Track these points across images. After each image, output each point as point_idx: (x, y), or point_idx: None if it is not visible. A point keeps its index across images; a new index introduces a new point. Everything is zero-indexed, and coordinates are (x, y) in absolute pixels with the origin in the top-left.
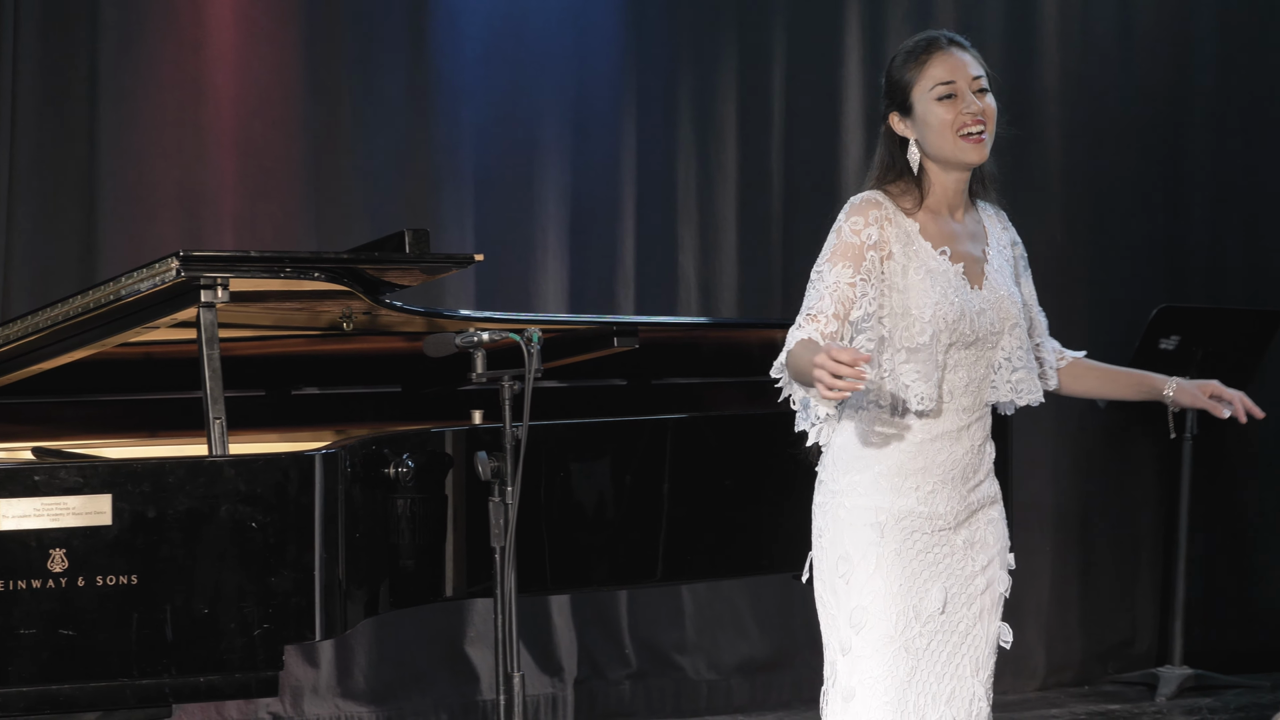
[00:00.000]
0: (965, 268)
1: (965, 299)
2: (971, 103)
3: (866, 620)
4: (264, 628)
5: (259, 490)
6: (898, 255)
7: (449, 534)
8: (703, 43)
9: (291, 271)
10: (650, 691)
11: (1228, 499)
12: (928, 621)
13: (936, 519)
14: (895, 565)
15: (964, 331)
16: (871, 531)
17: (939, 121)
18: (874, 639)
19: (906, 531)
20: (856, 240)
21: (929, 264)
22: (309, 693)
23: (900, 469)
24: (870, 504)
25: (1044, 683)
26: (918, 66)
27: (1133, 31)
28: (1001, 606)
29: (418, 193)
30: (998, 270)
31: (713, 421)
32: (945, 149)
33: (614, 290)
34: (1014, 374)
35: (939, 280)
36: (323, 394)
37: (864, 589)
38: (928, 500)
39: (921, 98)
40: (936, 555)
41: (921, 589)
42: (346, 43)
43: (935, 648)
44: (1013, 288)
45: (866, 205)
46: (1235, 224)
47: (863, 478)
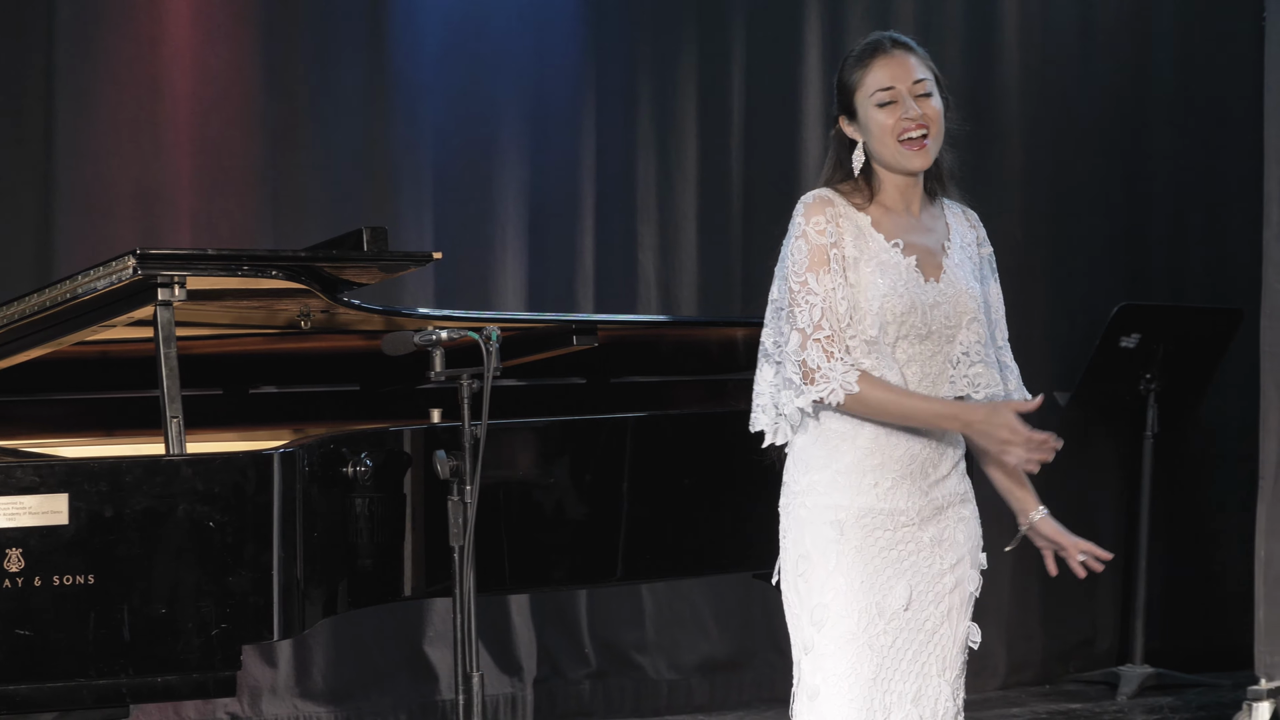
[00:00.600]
0: (919, 260)
1: (917, 292)
2: (910, 108)
3: (827, 618)
4: (221, 627)
5: (216, 489)
6: (849, 250)
7: (407, 533)
8: (662, 40)
9: (249, 270)
10: (610, 691)
11: (1189, 497)
12: (892, 619)
13: (898, 515)
14: (856, 563)
15: (915, 324)
16: (831, 530)
17: (879, 127)
18: (836, 637)
19: (867, 529)
20: (823, 241)
21: (880, 256)
22: (267, 693)
23: (857, 466)
24: (829, 502)
25: (1005, 682)
26: (861, 70)
27: (1093, 30)
28: (972, 606)
29: (376, 190)
30: (957, 264)
31: (672, 420)
32: (887, 155)
33: (573, 288)
34: (971, 368)
35: (889, 272)
36: (281, 393)
37: (824, 587)
38: (887, 496)
39: (863, 102)
40: (900, 552)
41: (885, 586)
42: (305, 40)
43: (900, 646)
44: (972, 283)
45: (820, 203)
46: (1196, 222)
47: (821, 477)
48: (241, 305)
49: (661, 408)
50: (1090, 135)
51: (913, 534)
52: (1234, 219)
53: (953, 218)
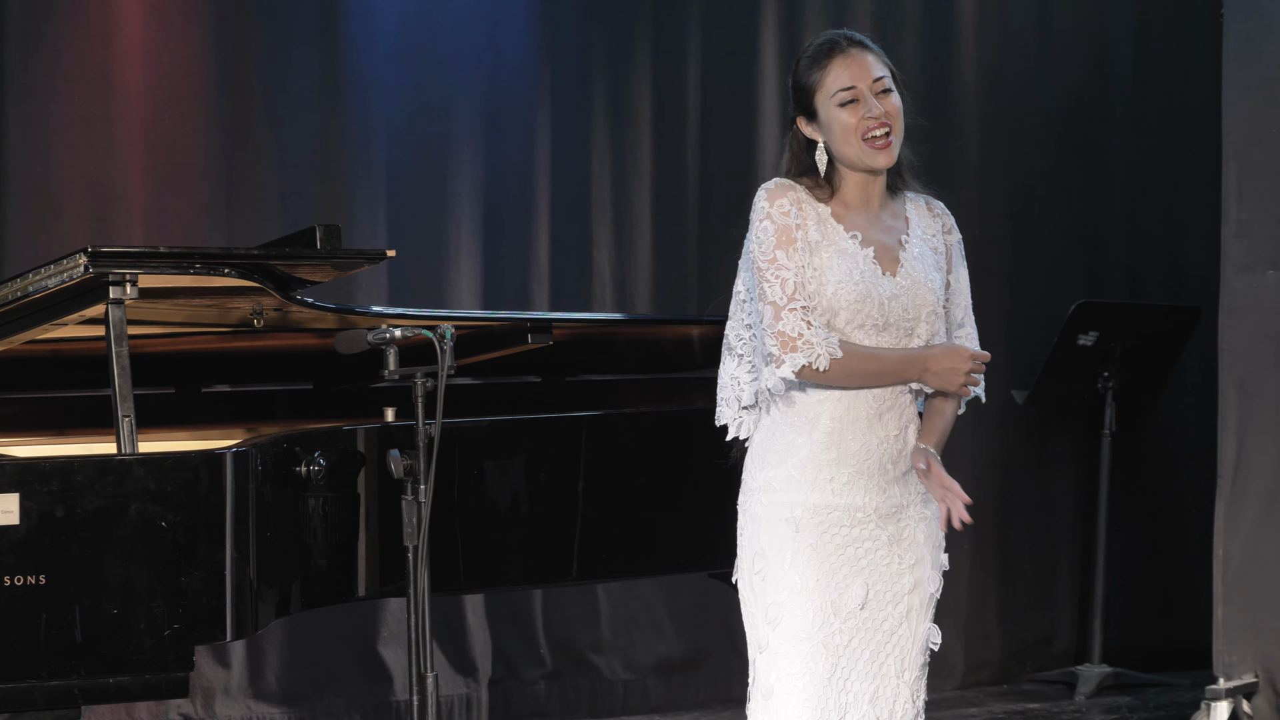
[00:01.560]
0: (877, 253)
1: (873, 283)
2: (873, 106)
3: (781, 616)
4: (174, 628)
5: (169, 489)
6: (812, 233)
7: (361, 533)
8: (617, 36)
9: (201, 268)
10: (566, 692)
11: (1146, 496)
12: (848, 618)
13: (855, 511)
14: (811, 560)
15: (871, 315)
16: (786, 527)
17: (842, 127)
18: (790, 635)
19: (823, 526)
20: (788, 221)
21: (840, 244)
22: (220, 694)
23: (813, 461)
24: (784, 499)
25: (963, 682)
26: (819, 70)
27: (1051, 27)
28: (933, 607)
29: (329, 188)
30: (916, 258)
31: (628, 419)
32: (851, 154)
33: (528, 286)
34: None
35: (846, 260)
36: (233, 391)
37: (779, 584)
38: (844, 492)
39: (824, 103)
40: (858, 550)
41: (841, 585)
42: (257, 36)
43: (856, 645)
44: (932, 275)
45: (782, 188)
46: (1153, 220)
47: (776, 473)
48: (194, 303)
49: (617, 406)
50: (1048, 133)
51: (870, 531)
52: (1192, 216)
53: (914, 210)
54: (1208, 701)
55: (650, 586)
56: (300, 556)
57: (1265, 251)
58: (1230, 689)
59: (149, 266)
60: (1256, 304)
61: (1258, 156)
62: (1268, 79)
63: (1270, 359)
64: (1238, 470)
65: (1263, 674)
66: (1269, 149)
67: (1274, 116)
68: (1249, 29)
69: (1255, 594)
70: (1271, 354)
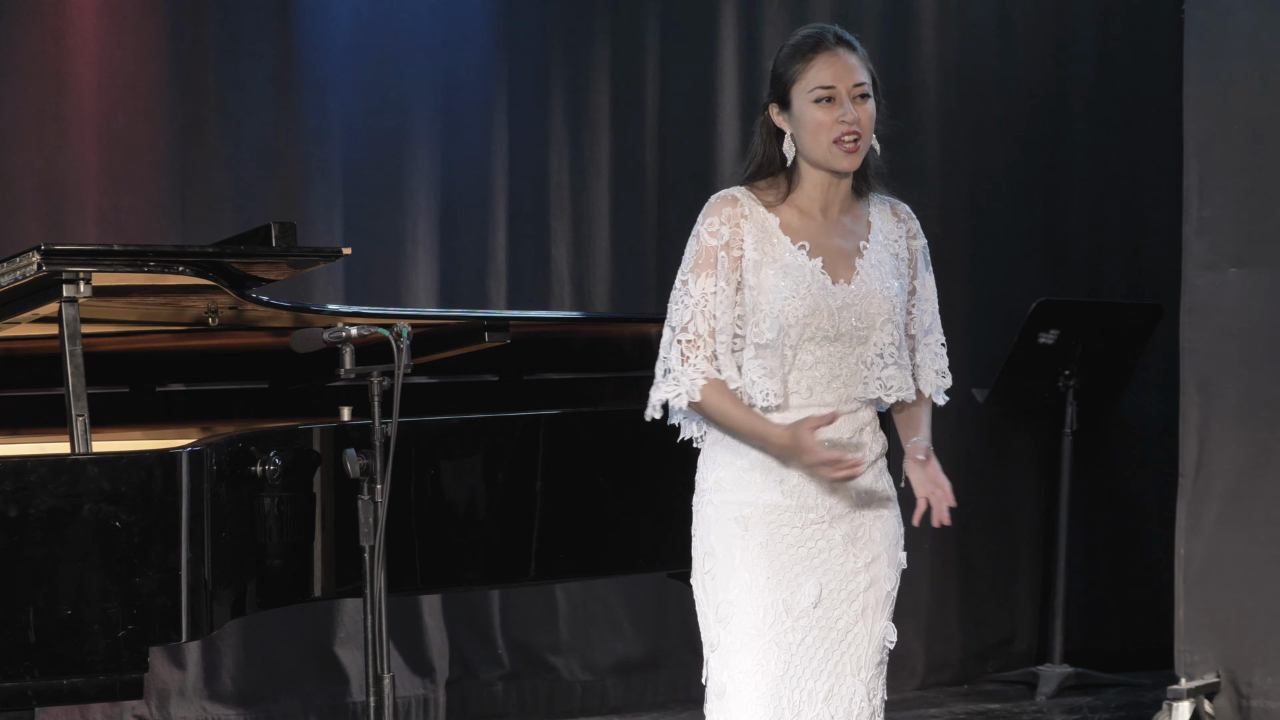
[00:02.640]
0: (827, 262)
1: (822, 294)
2: (849, 110)
3: (732, 614)
4: (128, 629)
5: (123, 489)
6: (750, 253)
7: (317, 533)
8: (575, 32)
9: (155, 266)
10: (523, 692)
11: (1108, 495)
12: (800, 617)
13: (806, 512)
14: (761, 559)
15: (821, 327)
16: (735, 526)
17: (814, 124)
18: (741, 634)
19: (774, 525)
20: (713, 243)
21: (784, 259)
22: (175, 695)
23: (762, 463)
24: (734, 499)
25: (923, 682)
26: (802, 63)
27: (1011, 22)
28: (890, 606)
29: (285, 185)
30: (873, 265)
31: (586, 418)
32: (817, 153)
33: (485, 284)
34: (885, 370)
35: (792, 274)
36: (188, 390)
37: (729, 583)
38: (794, 493)
39: (800, 96)
40: (810, 549)
41: (793, 583)
42: (212, 32)
43: (810, 644)
44: (889, 282)
45: (721, 203)
46: (1115, 217)
47: (727, 474)
48: (148, 302)
49: (575, 405)
50: (1008, 129)
51: (823, 531)
52: (1153, 213)
53: (878, 215)
54: (1169, 702)
55: (609, 586)
56: (256, 557)
57: (1227, 249)
58: (1192, 689)
59: (103, 264)
60: (1218, 302)
61: (1219, 153)
62: (1229, 76)
63: (1232, 358)
64: (1199, 469)
65: (1224, 674)
66: (1230, 146)
67: (1235, 113)
68: (1210, 25)
69: (1217, 594)
70: (1233, 352)
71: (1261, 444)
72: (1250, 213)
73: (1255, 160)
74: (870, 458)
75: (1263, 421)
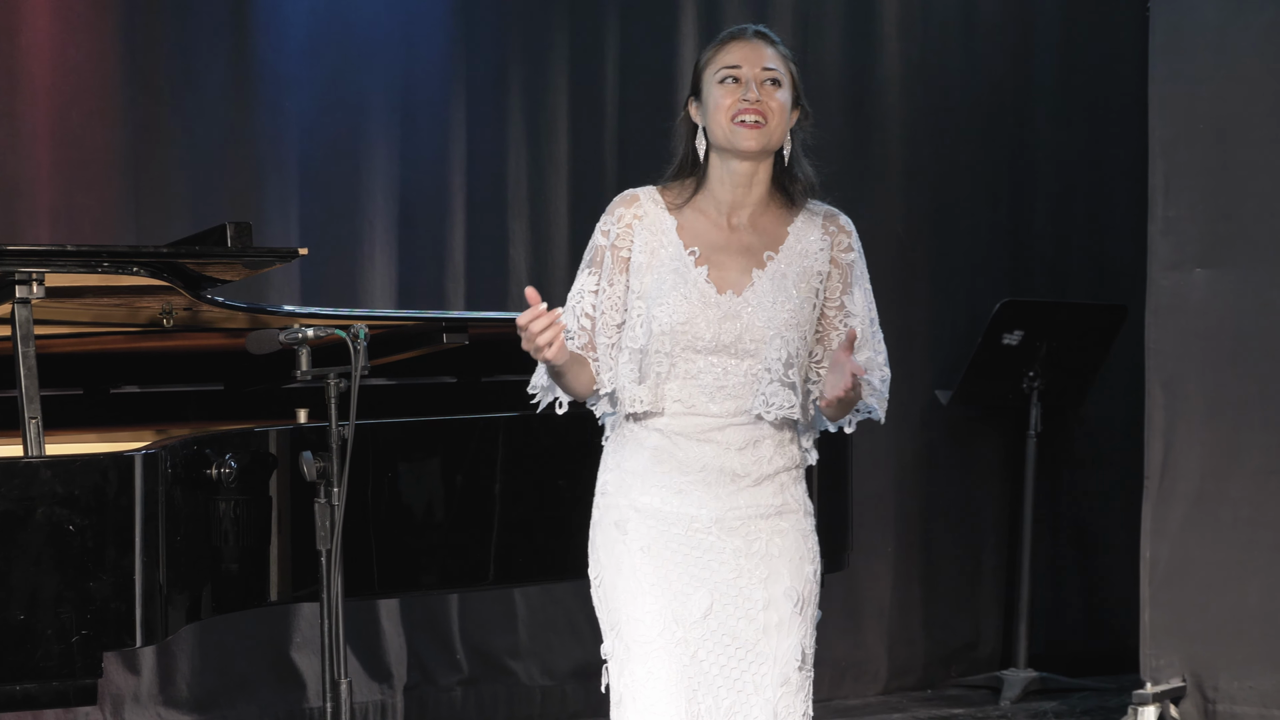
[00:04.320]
0: (716, 271)
1: (702, 304)
2: (751, 89)
3: (620, 622)
4: (82, 634)
5: (77, 492)
6: (638, 256)
7: (273, 537)
8: (534, 30)
9: (109, 266)
10: (482, 698)
11: (1073, 497)
12: (692, 627)
13: (692, 521)
14: (644, 564)
15: (699, 336)
16: (615, 530)
17: (715, 103)
18: (631, 641)
19: (655, 531)
20: (602, 242)
21: (670, 264)
22: (130, 701)
23: (645, 470)
24: (614, 502)
25: (886, 686)
26: (714, 51)
27: (975, 21)
28: (798, 622)
29: (240, 185)
30: (774, 277)
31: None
32: (719, 134)
33: (443, 285)
34: (769, 385)
35: (671, 281)
36: (143, 392)
37: (615, 590)
38: (675, 501)
39: (708, 80)
40: (698, 560)
41: (681, 593)
42: (166, 31)
43: (704, 657)
44: (789, 294)
45: (618, 203)
46: (1079, 217)
47: (611, 477)
48: (102, 302)
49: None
50: (972, 129)
51: (712, 542)
52: (1118, 213)
53: (802, 225)
54: (1135, 706)
55: (568, 591)
56: (211, 561)
57: (1193, 249)
58: (1157, 693)
59: (56, 265)
60: (1184, 303)
61: (1184, 153)
62: (1194, 74)
63: (1198, 359)
64: (1165, 471)
65: (1190, 678)
66: (1196, 145)
67: (1201, 112)
68: (1175, 23)
69: (1182, 597)
70: (1199, 353)
71: (1227, 446)
72: (1216, 213)
73: (1221, 160)
74: (768, 470)
75: (1228, 423)
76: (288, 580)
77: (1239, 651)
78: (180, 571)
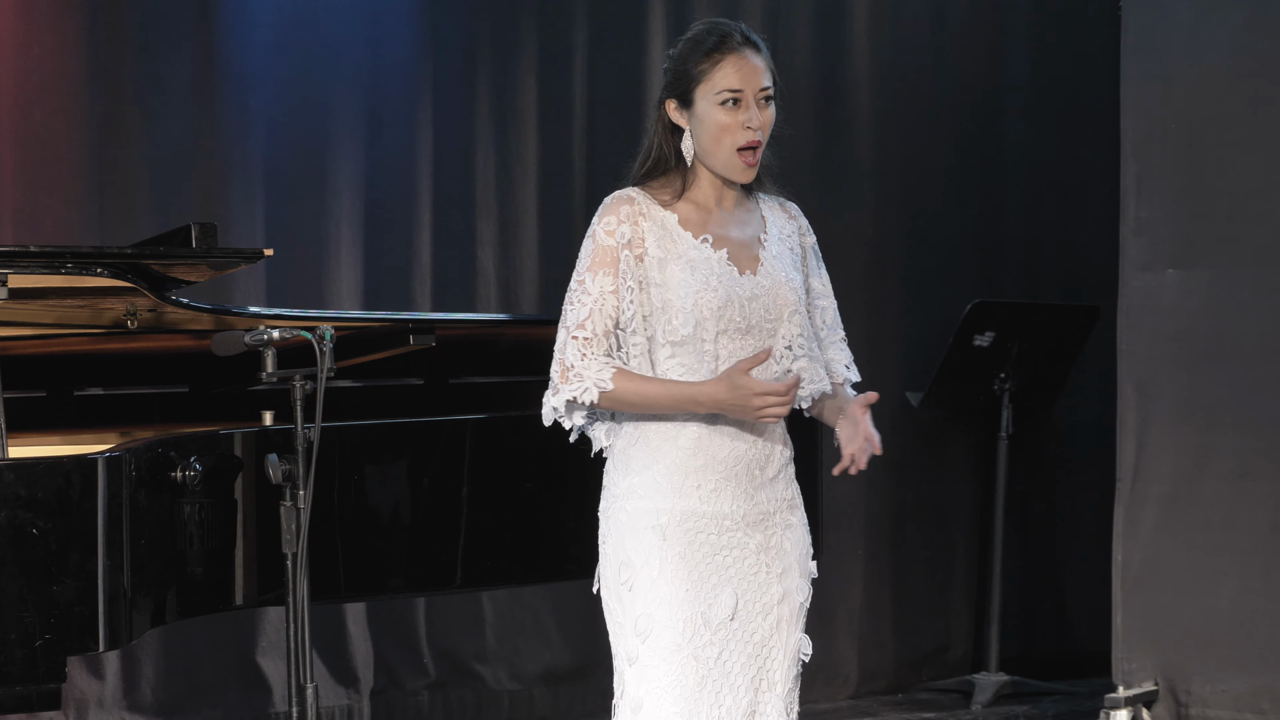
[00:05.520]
0: (731, 254)
1: (732, 285)
2: (755, 116)
3: (652, 628)
4: (45, 638)
5: (40, 495)
6: (653, 250)
7: (239, 540)
8: (502, 29)
9: (73, 267)
10: (450, 702)
11: (1045, 500)
12: (718, 629)
13: (723, 519)
14: (680, 569)
15: (734, 318)
16: (653, 535)
17: (718, 127)
18: (660, 648)
19: (691, 534)
20: (611, 242)
21: (689, 254)
22: (94, 705)
23: (680, 468)
24: (651, 506)
25: (857, 691)
26: (709, 63)
27: (945, 20)
28: (803, 617)
29: (205, 185)
30: (775, 257)
31: (513, 422)
32: (718, 159)
33: (410, 286)
34: (795, 362)
35: (700, 269)
36: (107, 394)
37: (648, 596)
38: (711, 499)
39: (705, 97)
40: (726, 559)
41: (710, 594)
42: (130, 29)
43: (727, 658)
44: (792, 274)
45: (617, 203)
46: (1050, 218)
47: (642, 479)
48: (66, 304)
49: (502, 409)
50: (943, 127)
51: (738, 539)
52: (1090, 213)
53: (769, 210)
54: (1107, 710)
55: (536, 594)
56: (176, 564)
57: (1165, 250)
58: (1130, 697)
59: (19, 266)
60: (1156, 303)
61: (1157, 152)
62: (1166, 73)
63: (1170, 360)
64: (1137, 474)
65: (1163, 681)
66: (1168, 145)
67: (1173, 112)
68: (1147, 22)
69: (1155, 600)
70: (1171, 355)
71: (1200, 447)
72: (1188, 213)
73: (1193, 159)
74: (781, 462)
75: (1201, 424)
76: (253, 584)
77: (1212, 655)
78: (144, 575)
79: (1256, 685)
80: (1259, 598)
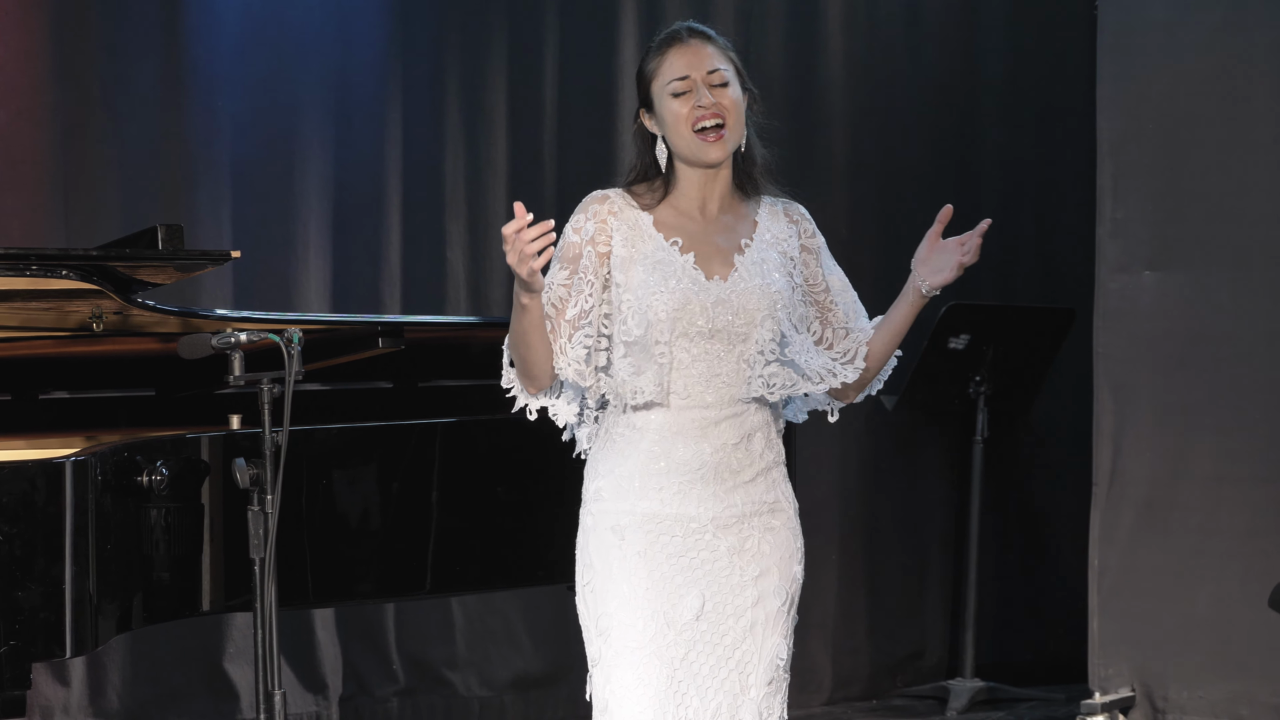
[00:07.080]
0: (701, 257)
1: (694, 289)
2: (704, 96)
3: (612, 627)
4: (10, 645)
5: (4, 500)
6: (619, 250)
7: (206, 545)
8: (471, 28)
9: (38, 269)
10: (419, 709)
11: (1020, 504)
12: (683, 630)
13: (689, 521)
14: (640, 569)
15: (694, 322)
16: (611, 535)
17: (673, 117)
18: (621, 647)
19: (653, 535)
20: (576, 239)
21: (654, 256)
22: (59, 712)
23: (641, 470)
24: (611, 508)
25: (830, 697)
26: (657, 60)
27: (920, 19)
28: (783, 621)
29: (172, 186)
30: (755, 262)
31: (484, 425)
32: (683, 146)
33: (379, 288)
34: (766, 368)
35: (661, 270)
36: (72, 398)
37: (607, 595)
38: (674, 502)
39: (659, 93)
40: (692, 560)
41: (674, 595)
42: (96, 28)
43: (695, 658)
44: (772, 278)
45: (590, 201)
46: (1026, 219)
47: (606, 483)
48: (30, 306)
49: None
50: (917, 128)
51: (707, 541)
52: (1066, 215)
53: (767, 214)
54: (1083, 716)
55: (507, 600)
56: (142, 569)
57: (1141, 252)
58: (1106, 703)
59: None
60: (1133, 306)
61: (1133, 153)
62: (1142, 74)
63: (1147, 363)
64: (1113, 478)
65: (1139, 687)
66: (1144, 146)
67: (1149, 112)
68: (1123, 22)
69: (1131, 605)
70: (1148, 358)
71: (1176, 451)
72: (1164, 214)
73: (1169, 160)
74: (761, 466)
75: (1178, 428)
76: (220, 589)
77: (1188, 661)
78: (111, 580)
79: (1234, 691)
80: (1237, 603)
